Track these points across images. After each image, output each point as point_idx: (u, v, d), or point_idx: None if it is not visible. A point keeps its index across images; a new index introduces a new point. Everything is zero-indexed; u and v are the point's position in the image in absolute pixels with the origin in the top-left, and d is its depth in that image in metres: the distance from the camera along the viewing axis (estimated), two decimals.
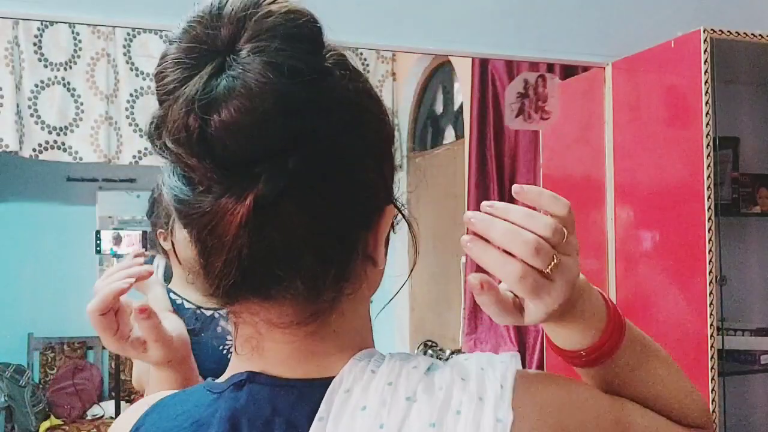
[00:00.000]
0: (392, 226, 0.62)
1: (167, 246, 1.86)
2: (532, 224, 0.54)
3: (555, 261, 0.54)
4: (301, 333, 0.58)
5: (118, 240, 4.07)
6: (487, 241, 0.55)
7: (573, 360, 0.64)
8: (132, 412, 0.63)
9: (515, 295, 0.58)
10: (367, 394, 0.54)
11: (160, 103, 0.53)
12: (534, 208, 0.56)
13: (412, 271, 0.74)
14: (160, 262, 2.08)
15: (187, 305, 1.86)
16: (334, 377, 0.56)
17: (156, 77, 0.54)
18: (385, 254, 0.62)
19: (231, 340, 1.75)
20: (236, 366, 0.60)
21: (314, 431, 0.53)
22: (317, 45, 0.55)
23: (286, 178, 0.52)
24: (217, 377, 0.62)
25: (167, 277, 2.01)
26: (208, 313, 1.86)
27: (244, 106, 0.50)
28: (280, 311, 0.57)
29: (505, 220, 0.55)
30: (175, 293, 1.88)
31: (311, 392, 0.56)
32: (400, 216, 0.62)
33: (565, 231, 0.55)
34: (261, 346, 0.59)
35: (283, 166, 0.52)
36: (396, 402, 0.53)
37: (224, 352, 1.79)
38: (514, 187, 0.57)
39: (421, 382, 0.55)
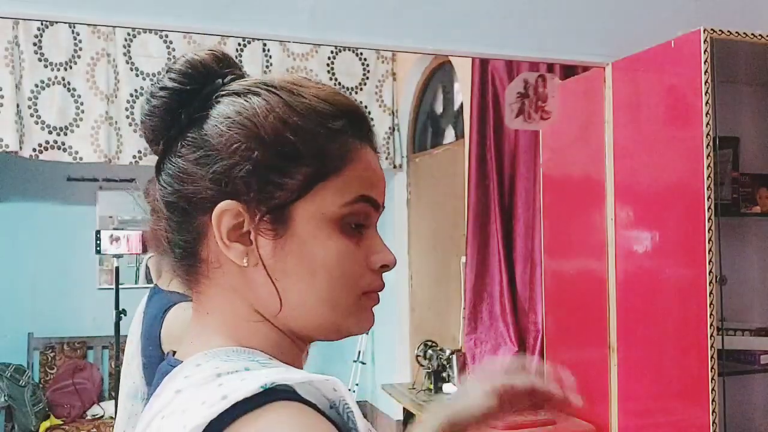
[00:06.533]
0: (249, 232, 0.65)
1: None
2: None
3: None
4: (193, 304, 0.69)
5: (118, 240, 4.07)
6: None
7: None
8: None
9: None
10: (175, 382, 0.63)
11: None
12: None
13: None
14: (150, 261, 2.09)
15: None
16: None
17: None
18: (244, 254, 0.64)
19: None
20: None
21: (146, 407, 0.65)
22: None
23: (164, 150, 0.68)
24: None
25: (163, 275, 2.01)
26: None
27: None
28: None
29: None
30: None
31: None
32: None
33: None
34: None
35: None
36: (166, 392, 0.62)
37: None
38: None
39: (207, 381, 0.59)
